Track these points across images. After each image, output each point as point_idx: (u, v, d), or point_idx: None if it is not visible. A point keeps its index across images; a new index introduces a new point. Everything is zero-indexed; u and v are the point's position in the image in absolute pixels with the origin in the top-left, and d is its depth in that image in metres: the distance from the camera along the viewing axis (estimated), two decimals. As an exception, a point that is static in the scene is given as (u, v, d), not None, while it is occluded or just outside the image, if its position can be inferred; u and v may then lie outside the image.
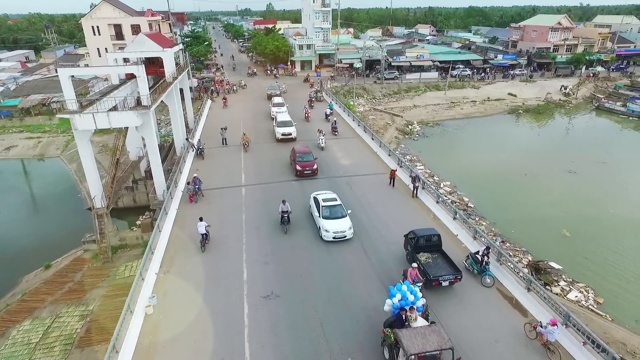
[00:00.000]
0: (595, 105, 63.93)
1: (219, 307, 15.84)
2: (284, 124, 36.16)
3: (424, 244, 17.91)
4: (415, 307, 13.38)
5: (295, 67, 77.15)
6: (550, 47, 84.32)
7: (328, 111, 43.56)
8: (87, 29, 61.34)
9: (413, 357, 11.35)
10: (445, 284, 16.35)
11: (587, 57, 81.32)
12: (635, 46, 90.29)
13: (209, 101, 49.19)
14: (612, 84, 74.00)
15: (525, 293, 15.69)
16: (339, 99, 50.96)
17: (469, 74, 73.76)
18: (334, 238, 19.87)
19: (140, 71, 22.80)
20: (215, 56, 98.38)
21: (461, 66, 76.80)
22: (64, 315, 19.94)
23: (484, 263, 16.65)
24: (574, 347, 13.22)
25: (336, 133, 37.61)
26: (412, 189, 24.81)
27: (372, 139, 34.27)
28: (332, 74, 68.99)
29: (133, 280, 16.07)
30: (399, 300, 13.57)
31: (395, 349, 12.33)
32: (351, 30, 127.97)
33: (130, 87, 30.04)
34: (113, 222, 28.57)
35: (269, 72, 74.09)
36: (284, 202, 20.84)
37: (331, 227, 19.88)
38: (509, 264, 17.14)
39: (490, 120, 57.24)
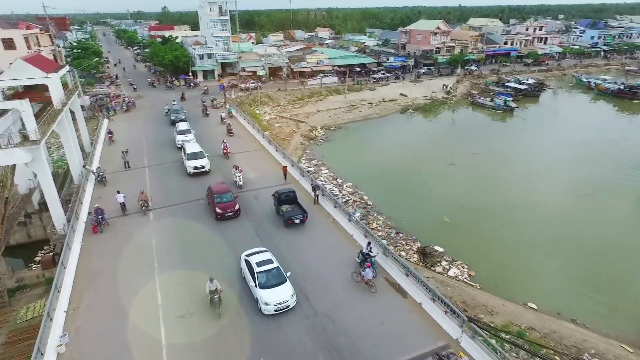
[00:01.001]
0: (471, 101, 73.64)
1: (136, 333, 16.54)
2: (195, 155, 32.46)
3: (284, 198, 25.58)
4: None
5: (197, 77, 76.12)
6: (433, 49, 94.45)
7: (223, 115, 47.54)
8: (-55, 44, 53.73)
9: None
10: (297, 221, 24.07)
11: (463, 58, 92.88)
12: (499, 46, 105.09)
13: (106, 120, 46.89)
14: (483, 81, 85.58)
15: (405, 278, 18.99)
16: (242, 110, 52.19)
17: (333, 81, 76.40)
18: (275, 311, 17.36)
19: (24, 106, 21.78)
20: (108, 67, 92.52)
21: (328, 74, 78.90)
22: (-42, 373, 18.67)
23: (370, 258, 19.63)
24: (439, 315, 16.66)
25: (231, 134, 42.22)
26: (313, 196, 27.37)
27: (277, 150, 36.27)
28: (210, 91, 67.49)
29: (37, 322, 16.08)
30: None
31: None
32: (253, 35, 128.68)
33: (12, 117, 28.16)
34: (6, 263, 26.64)
35: (169, 83, 71.78)
36: (211, 280, 17.80)
37: (271, 299, 17.34)
38: (392, 256, 20.39)
39: (386, 120, 62.88)
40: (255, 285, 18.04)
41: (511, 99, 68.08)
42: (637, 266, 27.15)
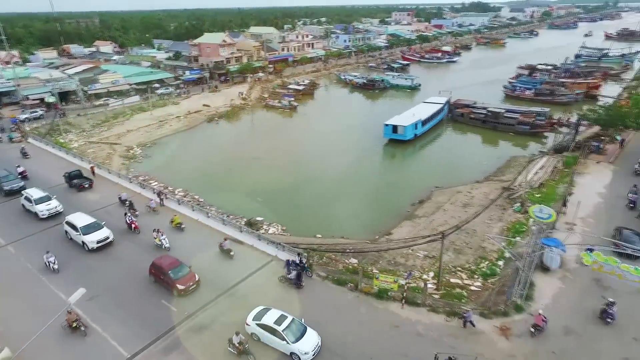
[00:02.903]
0: (264, 104, 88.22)
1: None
2: (89, 227, 28.66)
3: (74, 175, 40.37)
4: None
5: (-34, 113, 67.17)
6: (223, 60, 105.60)
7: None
8: None
9: None
10: (86, 185, 39.36)
11: (252, 66, 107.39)
12: (279, 53, 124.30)
13: None
14: (271, 85, 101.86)
15: (240, 234, 29.51)
16: (47, 140, 52.33)
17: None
18: (314, 355, 18.60)
19: None
20: None
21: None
22: None
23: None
24: (263, 246, 27.95)
25: (28, 157, 49.03)
26: (158, 200, 34.79)
27: (82, 160, 41.57)
28: None
29: None
30: None
31: None
32: (15, 53, 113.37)
33: None
34: None
35: None
36: (237, 333, 19.37)
37: (308, 347, 18.47)
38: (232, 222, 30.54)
39: (195, 131, 70.81)
40: (288, 342, 18.63)
41: (293, 98, 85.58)
42: (375, 198, 44.75)
